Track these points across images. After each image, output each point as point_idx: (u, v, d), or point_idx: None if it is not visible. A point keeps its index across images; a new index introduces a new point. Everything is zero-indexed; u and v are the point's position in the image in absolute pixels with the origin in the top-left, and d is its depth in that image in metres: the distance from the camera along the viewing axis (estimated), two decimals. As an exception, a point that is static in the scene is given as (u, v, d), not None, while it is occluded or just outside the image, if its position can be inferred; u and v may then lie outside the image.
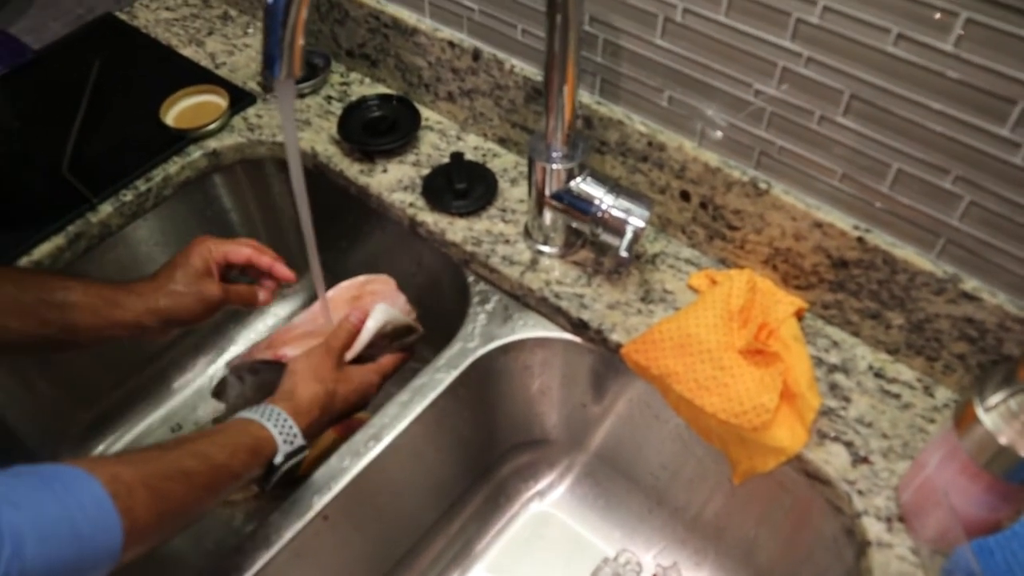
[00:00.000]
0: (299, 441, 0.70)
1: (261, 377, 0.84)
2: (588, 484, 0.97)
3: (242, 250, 0.81)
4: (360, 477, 0.75)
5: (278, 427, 0.69)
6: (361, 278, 0.87)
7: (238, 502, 0.98)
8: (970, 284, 0.69)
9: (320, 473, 0.75)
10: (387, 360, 0.83)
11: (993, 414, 0.58)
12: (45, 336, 0.72)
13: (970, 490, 0.62)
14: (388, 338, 0.84)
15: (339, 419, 0.77)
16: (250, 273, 0.83)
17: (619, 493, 0.96)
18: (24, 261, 0.89)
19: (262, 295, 0.83)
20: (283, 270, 0.83)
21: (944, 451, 0.63)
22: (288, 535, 0.72)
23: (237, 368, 0.85)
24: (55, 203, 0.93)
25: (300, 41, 0.60)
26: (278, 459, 0.68)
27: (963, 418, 0.60)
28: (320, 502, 0.74)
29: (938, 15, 0.59)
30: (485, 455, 0.94)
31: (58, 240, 0.90)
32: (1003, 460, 0.58)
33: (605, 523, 0.95)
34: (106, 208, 0.93)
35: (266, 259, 0.82)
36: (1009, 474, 0.59)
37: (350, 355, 0.80)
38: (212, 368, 1.12)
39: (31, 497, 0.51)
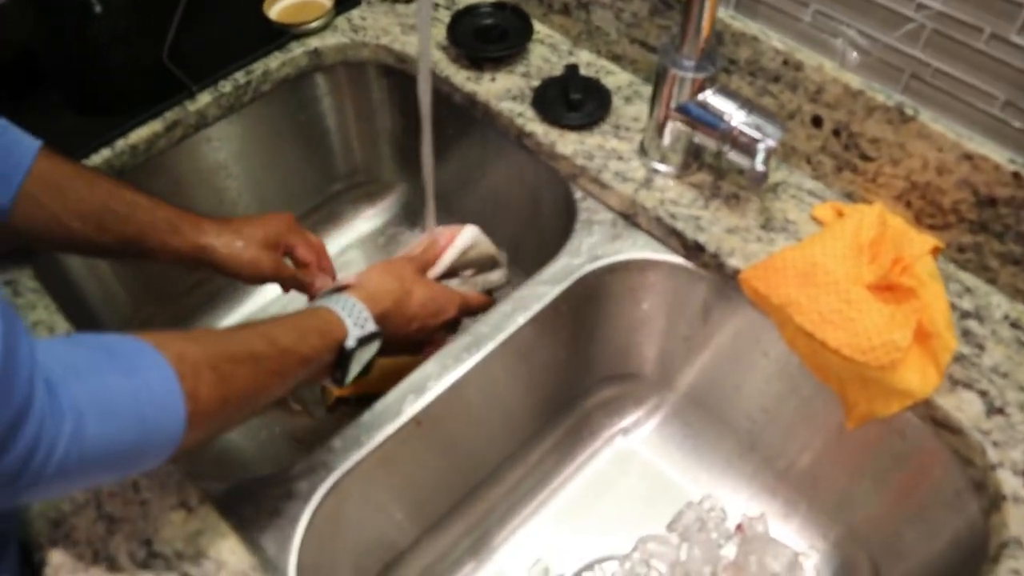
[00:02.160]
0: (370, 326, 0.66)
1: None
2: (677, 424, 0.93)
3: (309, 254, 0.79)
4: (456, 385, 0.72)
5: (348, 311, 0.66)
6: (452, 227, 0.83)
7: (299, 412, 0.95)
8: None
9: (415, 376, 0.72)
10: (470, 295, 0.80)
11: None
12: (103, 244, 0.71)
13: None
14: (472, 266, 0.81)
15: (413, 335, 0.74)
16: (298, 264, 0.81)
17: (709, 435, 0.91)
18: (120, 144, 0.86)
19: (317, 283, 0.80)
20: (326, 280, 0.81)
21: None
22: (380, 437, 0.69)
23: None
24: (154, 89, 0.90)
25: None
26: (350, 343, 0.65)
27: None
28: (413, 406, 0.70)
29: None
30: (574, 383, 0.91)
31: (155, 125, 0.88)
32: None
33: (692, 465, 0.91)
34: (204, 98, 0.91)
35: (324, 266, 0.81)
36: None
37: (434, 271, 0.78)
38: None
39: (96, 369, 0.48)
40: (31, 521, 0.60)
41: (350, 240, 1.09)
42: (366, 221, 1.10)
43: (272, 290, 0.88)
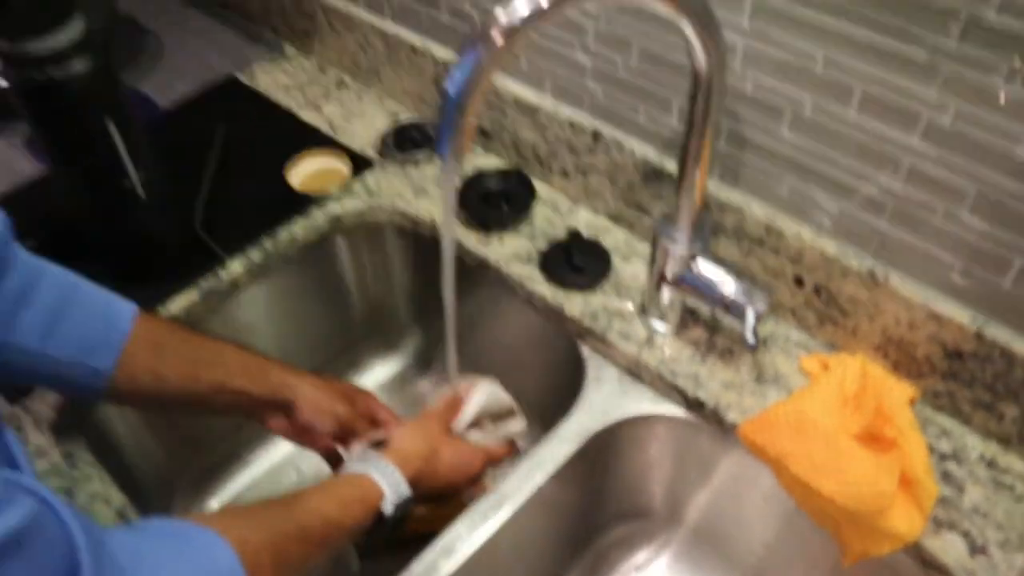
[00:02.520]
0: (404, 490, 0.72)
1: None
2: (687, 560, 0.98)
3: (380, 410, 0.86)
4: (485, 544, 0.78)
5: (385, 477, 0.72)
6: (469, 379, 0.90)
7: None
8: (1093, 383, 0.71)
9: (446, 538, 0.78)
10: (494, 447, 0.86)
11: None
12: (196, 392, 0.76)
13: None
14: (492, 419, 0.87)
15: (442, 491, 0.80)
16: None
17: (717, 570, 0.97)
18: (161, 312, 0.93)
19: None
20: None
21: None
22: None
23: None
24: (188, 259, 0.98)
25: (471, 126, 0.64)
26: (388, 509, 0.71)
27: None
28: (447, 564, 0.76)
29: (1078, 129, 0.62)
30: (590, 522, 0.97)
31: (192, 295, 0.95)
32: None
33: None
34: (236, 266, 0.98)
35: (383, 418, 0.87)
36: None
37: (457, 426, 0.84)
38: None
39: (172, 562, 0.53)
40: None
41: (370, 384, 1.16)
42: (384, 367, 1.17)
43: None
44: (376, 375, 1.18)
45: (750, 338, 0.78)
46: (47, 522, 0.45)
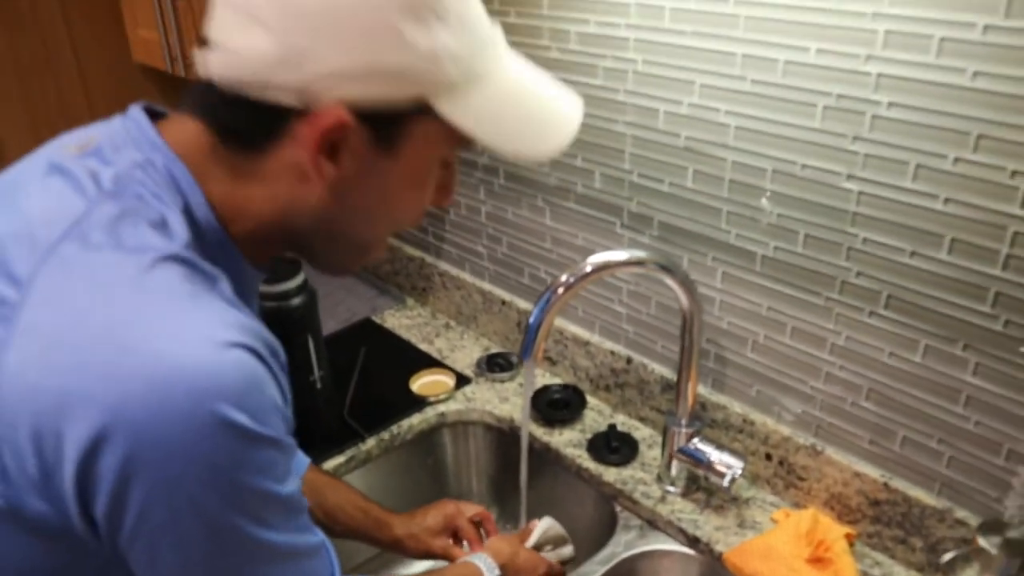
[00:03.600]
0: (496, 572, 1.07)
1: None
2: None
3: (471, 532, 1.19)
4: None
5: (484, 563, 1.06)
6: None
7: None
8: (960, 513, 1.05)
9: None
10: (552, 565, 1.21)
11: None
12: (334, 531, 1.13)
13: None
14: (551, 543, 1.22)
15: None
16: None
17: None
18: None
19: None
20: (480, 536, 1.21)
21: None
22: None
23: None
24: (341, 434, 1.40)
25: (542, 345, 1.07)
26: None
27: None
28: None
29: (918, 341, 1.03)
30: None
31: (339, 459, 1.36)
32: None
33: None
34: (371, 442, 1.39)
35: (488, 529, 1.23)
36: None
37: (528, 542, 1.19)
38: None
39: None
40: None
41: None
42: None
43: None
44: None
45: (726, 485, 1.15)
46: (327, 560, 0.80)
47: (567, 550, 1.21)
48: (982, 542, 0.91)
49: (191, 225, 0.66)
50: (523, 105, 0.72)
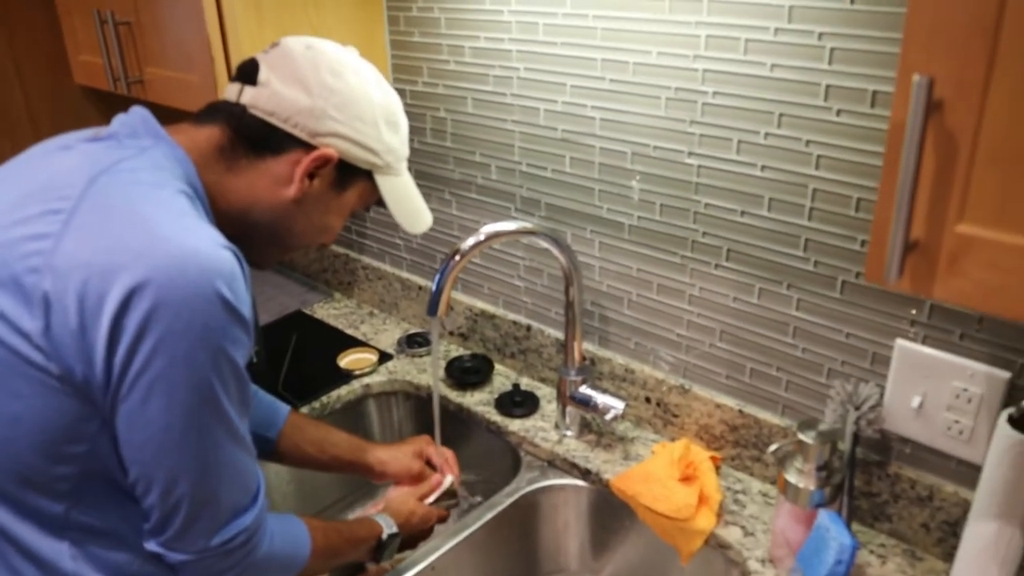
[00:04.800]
0: (394, 528, 1.24)
1: None
2: None
3: (440, 460, 1.38)
4: (452, 547, 1.29)
5: (384, 521, 1.24)
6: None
7: None
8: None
9: (431, 542, 1.29)
10: (440, 513, 1.38)
11: (791, 473, 1.14)
12: (322, 460, 1.31)
13: (792, 525, 1.15)
14: (446, 495, 1.41)
15: (413, 534, 1.30)
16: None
17: (617, 601, 1.45)
18: (256, 441, 1.50)
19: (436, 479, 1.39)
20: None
21: (780, 510, 1.18)
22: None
23: None
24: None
25: (445, 302, 1.26)
26: (385, 535, 1.22)
27: (780, 484, 1.16)
28: (429, 558, 1.27)
29: (780, 287, 1.25)
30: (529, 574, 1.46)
31: (277, 430, 1.52)
32: (801, 496, 1.13)
33: (609, 622, 1.43)
34: (303, 412, 1.56)
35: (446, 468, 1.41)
36: (805, 504, 1.13)
37: (427, 501, 1.37)
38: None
39: (279, 525, 1.05)
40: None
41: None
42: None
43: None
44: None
45: (609, 419, 1.35)
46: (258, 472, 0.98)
47: (453, 501, 1.38)
48: (801, 436, 1.13)
49: (191, 190, 0.91)
50: (413, 198, 1.10)
